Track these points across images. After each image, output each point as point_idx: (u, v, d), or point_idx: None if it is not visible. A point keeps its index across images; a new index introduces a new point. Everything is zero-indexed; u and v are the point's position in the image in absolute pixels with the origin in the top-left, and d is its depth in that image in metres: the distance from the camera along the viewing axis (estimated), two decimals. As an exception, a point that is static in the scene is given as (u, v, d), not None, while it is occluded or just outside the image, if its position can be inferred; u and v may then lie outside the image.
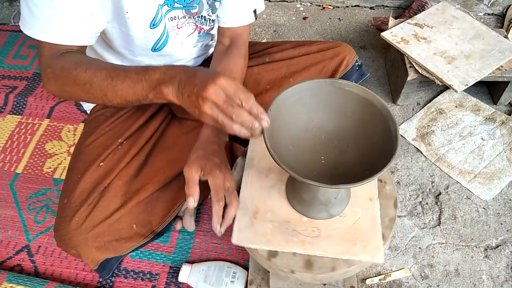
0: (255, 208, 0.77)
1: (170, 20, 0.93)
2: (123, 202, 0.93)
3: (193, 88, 0.64)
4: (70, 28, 0.77)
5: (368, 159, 0.65)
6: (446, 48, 1.36)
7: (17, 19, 1.79)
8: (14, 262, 1.11)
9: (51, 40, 0.77)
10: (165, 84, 0.68)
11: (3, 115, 1.43)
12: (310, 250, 0.71)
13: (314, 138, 0.70)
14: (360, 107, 0.68)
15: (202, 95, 0.62)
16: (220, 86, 0.62)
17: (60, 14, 0.75)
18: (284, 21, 1.78)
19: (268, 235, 0.73)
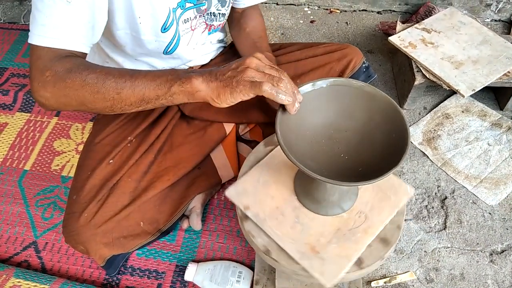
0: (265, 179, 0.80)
1: (184, 23, 0.94)
2: (131, 199, 0.94)
3: (229, 67, 0.68)
4: (75, 33, 0.75)
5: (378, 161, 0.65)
6: (454, 53, 1.36)
7: (27, 18, 1.81)
8: (21, 258, 1.12)
9: (53, 45, 0.74)
10: (195, 73, 0.70)
11: (12, 113, 1.44)
12: (277, 238, 0.72)
13: (326, 136, 0.71)
14: (372, 107, 0.69)
15: (245, 62, 0.67)
16: (259, 58, 0.68)
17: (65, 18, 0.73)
18: (291, 24, 1.79)
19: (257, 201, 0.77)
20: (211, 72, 0.70)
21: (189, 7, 0.93)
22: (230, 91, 0.67)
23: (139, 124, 1.03)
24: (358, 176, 0.62)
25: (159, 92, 0.72)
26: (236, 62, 0.68)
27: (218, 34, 1.11)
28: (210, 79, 0.69)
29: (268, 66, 0.67)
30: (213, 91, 0.68)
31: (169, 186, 1.02)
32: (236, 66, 0.68)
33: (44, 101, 0.75)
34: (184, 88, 0.70)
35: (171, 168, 1.02)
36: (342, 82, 0.70)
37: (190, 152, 1.07)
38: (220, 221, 1.17)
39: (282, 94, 0.64)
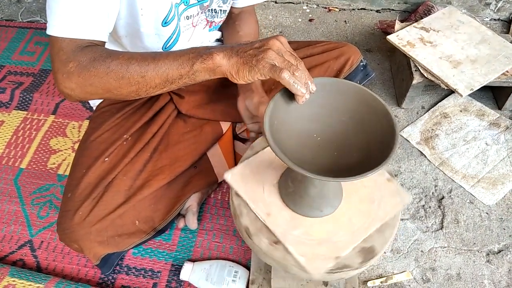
0: None
1: (186, 19, 0.93)
2: (127, 198, 0.93)
3: (252, 45, 0.69)
4: (93, 22, 0.76)
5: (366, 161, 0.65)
6: (452, 52, 1.36)
7: (24, 16, 1.81)
8: (16, 257, 1.11)
9: (73, 35, 0.74)
10: (216, 49, 0.70)
11: (9, 111, 1.44)
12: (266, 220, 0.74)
13: (314, 135, 0.70)
14: (360, 106, 0.69)
15: (268, 43, 0.67)
16: (282, 42, 0.68)
17: (82, 8, 0.74)
18: (290, 22, 1.79)
19: None
20: (232, 48, 0.70)
21: (193, 4, 0.92)
22: (249, 68, 0.68)
23: (135, 122, 1.03)
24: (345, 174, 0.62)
25: (182, 71, 0.72)
26: (259, 42, 0.69)
27: (217, 33, 1.11)
28: (231, 55, 0.69)
29: (289, 53, 0.68)
30: (233, 66, 0.69)
31: (165, 185, 1.02)
32: (259, 45, 0.68)
33: (70, 92, 0.76)
34: (206, 64, 0.70)
35: (167, 167, 1.01)
36: (331, 81, 0.70)
37: (186, 151, 1.07)
38: (216, 220, 1.17)
39: (298, 85, 0.65)
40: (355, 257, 0.71)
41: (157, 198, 1.01)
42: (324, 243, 0.71)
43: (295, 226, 0.74)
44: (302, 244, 0.71)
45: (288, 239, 0.71)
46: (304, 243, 0.71)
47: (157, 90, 0.76)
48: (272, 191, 0.78)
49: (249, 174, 0.80)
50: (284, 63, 0.66)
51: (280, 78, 0.64)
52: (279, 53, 0.67)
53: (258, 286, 1.00)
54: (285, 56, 0.67)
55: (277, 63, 0.66)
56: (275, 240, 0.72)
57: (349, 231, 0.73)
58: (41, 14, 1.82)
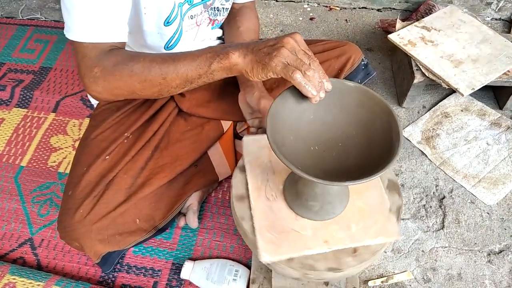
0: None
1: (190, 18, 0.93)
2: (127, 196, 0.93)
3: (267, 43, 0.69)
4: (112, 25, 0.78)
5: (370, 162, 0.65)
6: (453, 51, 1.35)
7: (24, 13, 1.80)
8: (17, 255, 1.11)
9: (95, 40, 0.77)
10: (232, 47, 0.72)
11: (9, 108, 1.43)
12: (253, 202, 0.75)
13: (317, 136, 0.70)
14: (364, 107, 0.68)
15: (282, 41, 0.67)
16: (296, 40, 0.68)
17: (100, 12, 0.75)
18: (291, 21, 1.78)
19: (257, 162, 0.79)
20: (248, 46, 0.71)
21: (197, 3, 0.92)
22: (262, 67, 0.69)
23: (136, 120, 1.03)
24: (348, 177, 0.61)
25: (200, 71, 0.75)
26: (274, 39, 0.69)
27: (218, 31, 1.11)
28: (246, 53, 0.71)
29: (302, 51, 0.68)
30: (248, 64, 0.71)
31: (166, 183, 1.01)
32: (273, 43, 0.68)
33: (98, 95, 0.80)
34: (223, 64, 0.72)
35: (168, 165, 1.01)
36: (336, 82, 0.69)
37: (187, 149, 1.06)
38: (217, 219, 1.16)
39: (309, 86, 0.65)
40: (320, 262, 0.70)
41: (158, 197, 1.01)
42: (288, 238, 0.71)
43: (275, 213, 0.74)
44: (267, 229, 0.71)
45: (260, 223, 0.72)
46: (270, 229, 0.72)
47: (179, 90, 0.79)
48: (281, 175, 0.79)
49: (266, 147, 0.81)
50: (296, 62, 0.66)
51: (292, 78, 0.65)
52: (293, 52, 0.67)
53: (258, 285, 1.00)
54: (298, 55, 0.67)
55: (290, 61, 0.66)
56: None
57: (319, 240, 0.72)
58: (42, 11, 1.81)
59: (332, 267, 0.70)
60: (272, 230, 0.72)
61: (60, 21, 1.76)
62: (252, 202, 0.75)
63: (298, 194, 0.73)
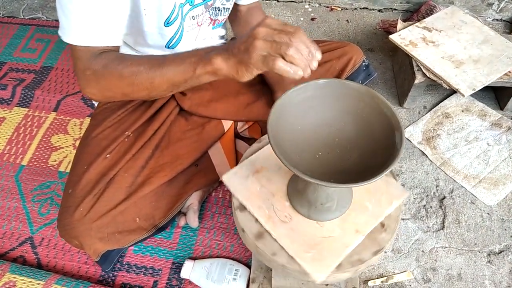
0: (260, 168, 0.79)
1: (191, 19, 0.93)
2: (128, 195, 0.93)
3: (241, 39, 0.67)
4: (106, 29, 0.78)
5: (372, 162, 0.65)
6: (454, 52, 1.35)
7: (26, 12, 1.80)
8: (17, 254, 1.11)
9: (89, 44, 0.78)
10: (214, 53, 0.71)
11: (10, 107, 1.44)
12: (269, 226, 0.73)
13: (320, 137, 0.70)
14: (366, 108, 0.68)
15: (252, 33, 0.64)
16: (267, 25, 0.65)
17: (95, 16, 0.76)
18: (292, 21, 1.78)
19: (250, 192, 0.76)
20: (227, 49, 0.70)
21: (198, 3, 0.92)
22: (245, 67, 0.67)
23: (137, 118, 1.03)
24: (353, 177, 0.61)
25: (186, 76, 0.75)
26: (246, 34, 0.66)
27: (220, 30, 1.11)
28: (228, 57, 0.69)
29: (277, 31, 0.63)
30: (232, 68, 0.69)
31: (166, 182, 1.01)
32: (246, 38, 0.66)
33: (93, 96, 0.82)
34: (207, 69, 0.72)
35: (168, 164, 1.01)
36: (337, 83, 0.69)
37: (188, 149, 1.06)
38: (217, 218, 1.17)
39: (292, 69, 0.62)
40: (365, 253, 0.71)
41: (158, 196, 1.01)
42: (326, 247, 0.71)
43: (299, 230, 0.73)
44: (304, 250, 0.70)
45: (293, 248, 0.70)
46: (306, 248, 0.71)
47: (168, 93, 0.80)
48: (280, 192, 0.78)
49: (249, 174, 0.80)
50: (273, 47, 0.63)
51: (274, 69, 0.63)
52: (267, 38, 0.63)
53: (258, 284, 1.00)
54: (274, 38, 0.63)
55: (268, 50, 0.63)
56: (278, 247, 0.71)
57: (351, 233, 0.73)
58: (43, 11, 1.82)
59: (375, 250, 0.71)
60: (307, 248, 0.70)
61: (62, 20, 1.76)
62: (273, 234, 0.72)
63: (311, 202, 0.73)
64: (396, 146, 0.61)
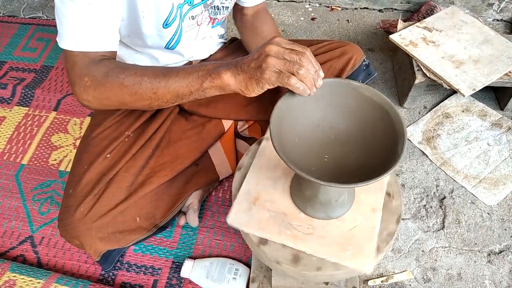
0: (257, 195, 0.77)
1: (191, 19, 0.93)
2: (128, 194, 0.93)
3: (252, 57, 0.69)
4: (102, 34, 0.78)
5: (374, 161, 0.65)
6: (455, 52, 1.35)
7: (26, 12, 1.80)
8: (17, 252, 1.11)
9: (85, 49, 0.77)
10: (223, 68, 0.72)
11: (10, 107, 1.44)
12: (300, 245, 0.71)
13: (322, 136, 0.70)
14: (370, 109, 0.68)
15: (264, 51, 0.67)
16: (277, 43, 0.67)
17: (90, 21, 0.75)
18: (292, 21, 1.79)
19: (262, 222, 0.73)
20: (236, 64, 0.71)
21: (197, 3, 0.92)
22: (256, 82, 0.69)
23: (137, 118, 1.03)
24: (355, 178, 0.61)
25: (191, 88, 0.74)
26: (257, 52, 0.69)
27: (219, 29, 1.10)
28: (237, 72, 0.70)
29: (288, 50, 0.67)
30: (241, 83, 0.71)
31: (167, 182, 1.01)
32: (257, 55, 0.68)
33: (88, 103, 0.79)
34: (214, 83, 0.72)
35: (168, 164, 1.01)
36: (340, 83, 0.69)
37: (188, 148, 1.06)
38: (217, 218, 1.17)
39: (303, 86, 0.66)
40: None
41: (159, 195, 1.01)
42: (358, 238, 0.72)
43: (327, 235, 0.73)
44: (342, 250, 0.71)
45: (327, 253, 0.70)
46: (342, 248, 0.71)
47: (169, 104, 0.79)
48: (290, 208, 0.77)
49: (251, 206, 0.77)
50: (286, 65, 0.66)
51: (289, 85, 0.66)
52: (279, 56, 0.67)
53: (258, 284, 1.00)
54: (285, 56, 0.66)
55: (280, 67, 0.66)
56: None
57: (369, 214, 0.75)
58: (43, 10, 1.82)
59: (396, 219, 0.75)
60: (343, 248, 0.70)
61: (62, 20, 1.76)
62: (307, 250, 0.71)
63: (322, 203, 0.73)
64: (398, 145, 0.61)
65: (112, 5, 0.77)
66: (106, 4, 0.75)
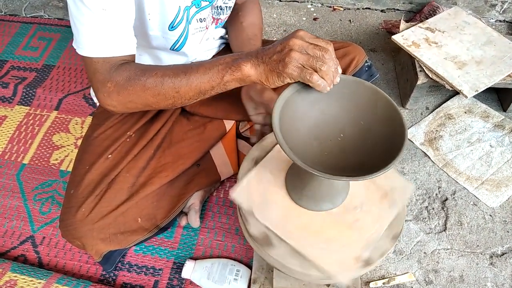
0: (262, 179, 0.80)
1: (198, 22, 0.93)
2: (129, 195, 0.93)
3: (275, 49, 0.68)
4: (120, 38, 0.77)
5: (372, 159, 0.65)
6: (457, 53, 1.35)
7: (28, 11, 1.80)
8: (18, 252, 1.11)
9: (105, 55, 0.76)
10: (242, 59, 0.71)
11: (12, 106, 1.43)
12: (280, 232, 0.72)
13: (323, 131, 0.70)
14: (370, 105, 0.68)
15: (288, 44, 0.66)
16: (302, 37, 0.67)
17: (107, 26, 0.75)
18: (294, 21, 1.78)
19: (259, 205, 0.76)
20: (257, 55, 0.70)
21: (205, 6, 0.92)
22: (277, 74, 0.68)
23: (139, 119, 1.03)
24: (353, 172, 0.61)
25: (213, 83, 0.74)
26: (280, 44, 0.68)
27: (221, 30, 1.10)
28: (258, 63, 0.70)
29: (312, 46, 0.66)
30: (261, 74, 0.70)
31: (168, 183, 1.01)
32: (281, 48, 0.67)
33: (113, 108, 0.80)
34: (235, 76, 0.72)
35: (170, 164, 1.01)
36: (344, 79, 0.69)
37: (190, 149, 1.06)
38: (218, 218, 1.16)
39: (324, 83, 0.66)
40: None
41: (160, 196, 1.00)
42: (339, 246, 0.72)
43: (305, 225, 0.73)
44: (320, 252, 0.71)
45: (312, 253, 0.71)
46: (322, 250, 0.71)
47: (192, 101, 0.79)
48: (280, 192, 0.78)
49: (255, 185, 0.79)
50: (309, 60, 0.65)
51: (311, 82, 0.65)
52: (303, 51, 0.66)
53: (259, 285, 1.00)
54: (309, 52, 0.66)
55: (303, 63, 0.65)
56: None
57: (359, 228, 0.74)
58: (45, 9, 1.81)
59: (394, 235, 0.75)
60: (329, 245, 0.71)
61: (64, 19, 1.76)
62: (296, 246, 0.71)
63: (318, 197, 0.73)
64: (398, 145, 0.61)
65: (126, 9, 0.76)
66: (121, 9, 0.75)
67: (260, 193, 0.77)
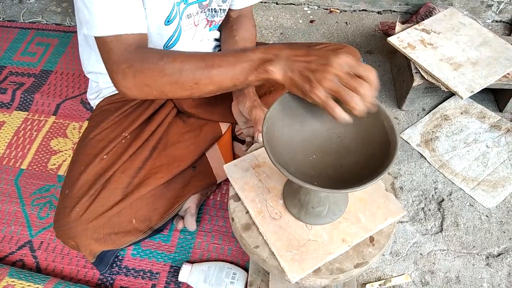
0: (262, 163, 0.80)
1: (187, 18, 0.94)
2: (124, 196, 0.93)
3: (309, 65, 0.64)
4: (131, 15, 0.77)
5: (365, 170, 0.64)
6: (453, 54, 1.35)
7: (26, 16, 1.81)
8: (16, 257, 1.11)
9: (117, 32, 0.75)
10: (270, 62, 0.69)
11: (10, 111, 1.44)
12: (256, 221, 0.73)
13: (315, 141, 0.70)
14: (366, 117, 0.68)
15: (326, 68, 0.61)
16: (340, 65, 0.62)
17: (118, 3, 0.75)
18: (291, 24, 1.79)
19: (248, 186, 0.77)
20: (287, 61, 0.68)
21: (192, 2, 0.92)
22: (301, 92, 0.65)
23: (134, 120, 1.03)
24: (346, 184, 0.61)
25: (236, 82, 0.73)
26: (317, 56, 0.64)
27: (216, 33, 1.11)
28: (286, 70, 0.67)
29: (349, 77, 0.61)
30: (287, 82, 0.68)
31: (164, 184, 1.02)
32: (315, 67, 0.63)
33: (128, 91, 0.77)
34: (260, 77, 0.71)
35: (165, 166, 1.02)
36: None
37: (185, 151, 1.07)
38: (215, 222, 1.17)
39: (346, 118, 0.61)
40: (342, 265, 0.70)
41: (155, 198, 1.01)
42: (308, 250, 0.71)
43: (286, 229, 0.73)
44: (286, 249, 0.70)
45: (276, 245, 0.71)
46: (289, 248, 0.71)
47: (211, 94, 0.78)
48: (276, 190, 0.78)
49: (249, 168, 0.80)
50: (339, 93, 0.61)
51: (332, 114, 0.61)
52: (336, 82, 0.61)
53: (256, 288, 1.00)
54: (344, 83, 0.61)
55: (332, 93, 0.61)
56: None
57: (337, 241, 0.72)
58: (43, 15, 1.82)
59: (358, 263, 0.70)
60: (290, 248, 0.70)
61: (61, 24, 1.77)
62: (260, 228, 0.72)
63: (302, 204, 0.72)
64: (389, 155, 0.61)
65: None
66: None
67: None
